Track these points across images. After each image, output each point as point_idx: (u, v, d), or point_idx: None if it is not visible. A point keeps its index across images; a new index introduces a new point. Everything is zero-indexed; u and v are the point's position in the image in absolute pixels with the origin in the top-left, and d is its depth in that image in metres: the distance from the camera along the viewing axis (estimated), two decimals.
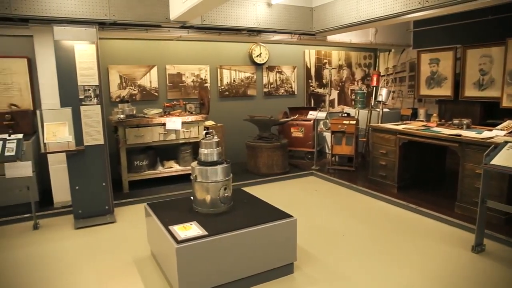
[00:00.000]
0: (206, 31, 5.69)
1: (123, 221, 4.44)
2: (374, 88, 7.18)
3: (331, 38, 6.76)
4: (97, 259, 3.50)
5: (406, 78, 7.84)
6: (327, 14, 5.84)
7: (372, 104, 7.18)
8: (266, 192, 5.29)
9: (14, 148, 3.99)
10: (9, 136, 4.17)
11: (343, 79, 8.26)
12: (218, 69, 6.73)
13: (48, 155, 4.53)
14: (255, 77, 7.13)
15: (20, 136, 4.19)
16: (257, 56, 7.00)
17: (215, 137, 3.13)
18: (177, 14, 4.57)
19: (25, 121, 4.95)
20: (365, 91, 7.77)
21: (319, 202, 5.03)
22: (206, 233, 2.72)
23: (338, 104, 8.27)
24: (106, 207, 4.48)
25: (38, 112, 4.06)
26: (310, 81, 7.83)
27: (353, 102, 8.17)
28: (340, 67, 8.16)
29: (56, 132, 4.03)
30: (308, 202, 5.03)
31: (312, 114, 6.44)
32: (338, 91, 8.23)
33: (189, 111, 5.84)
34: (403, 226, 4.13)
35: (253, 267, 2.90)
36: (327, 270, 3.21)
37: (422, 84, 6.98)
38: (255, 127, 6.46)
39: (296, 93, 7.69)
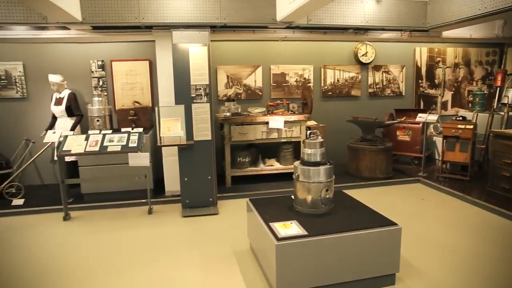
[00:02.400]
0: (311, 31, 5.67)
1: (225, 213, 4.66)
2: (498, 88, 6.37)
3: (446, 33, 6.20)
4: (200, 247, 3.74)
5: None
6: (444, 7, 5.35)
7: (495, 107, 6.38)
8: (368, 196, 5.06)
9: (136, 140, 4.50)
10: (132, 129, 4.72)
11: (459, 78, 7.50)
12: (322, 69, 6.66)
13: (162, 148, 4.98)
14: (359, 77, 6.88)
15: (141, 130, 4.71)
16: (362, 55, 6.75)
17: (319, 137, 3.10)
18: (284, 15, 4.64)
19: (145, 117, 5.53)
20: (485, 92, 6.95)
21: (426, 212, 4.64)
22: (306, 233, 2.71)
23: (452, 107, 7.54)
24: (210, 199, 4.76)
25: (156, 108, 4.49)
26: (420, 81, 7.28)
27: (470, 105, 7.36)
28: (456, 65, 7.42)
29: (171, 127, 4.42)
30: (413, 211, 4.68)
31: (422, 117, 5.98)
32: (452, 92, 7.50)
33: (291, 111, 5.89)
34: None
35: (352, 272, 2.80)
36: (432, 286, 2.94)
37: None
38: (358, 128, 6.24)
39: (403, 94, 7.22)
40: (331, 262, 2.73)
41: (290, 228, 2.81)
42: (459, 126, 5.55)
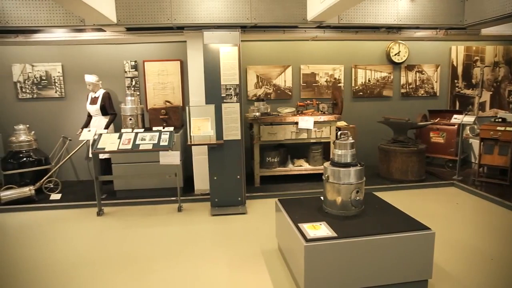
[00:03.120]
0: (343, 30, 5.59)
1: (253, 213, 4.67)
2: None
3: (485, 31, 5.95)
4: (228, 245, 3.77)
5: None
6: (485, 2, 5.14)
7: None
8: (399, 199, 4.94)
9: (167, 139, 4.59)
10: (163, 128, 4.81)
11: (499, 78, 7.18)
12: (353, 69, 6.56)
13: (192, 146, 5.05)
14: (392, 77, 6.72)
15: (172, 128, 4.80)
16: (395, 54, 6.59)
17: (350, 138, 3.05)
18: (315, 14, 4.60)
19: (176, 116, 5.63)
20: None
21: (461, 218, 4.47)
22: (335, 235, 2.67)
23: (491, 108, 7.23)
24: (239, 198, 4.78)
25: (187, 108, 4.56)
26: (456, 81, 7.03)
27: (511, 106, 7.05)
28: (495, 64, 7.12)
29: (201, 126, 4.47)
30: (447, 216, 4.52)
31: (457, 118, 5.76)
32: (491, 92, 7.20)
33: (321, 111, 5.83)
34: None
35: (382, 277, 2.74)
36: None
37: None
38: (389, 129, 6.10)
39: (438, 94, 7.00)
40: (361, 265, 2.68)
41: (319, 229, 2.78)
42: (498, 128, 5.31)
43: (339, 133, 3.11)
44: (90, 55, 6.08)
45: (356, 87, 6.62)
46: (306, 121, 5.46)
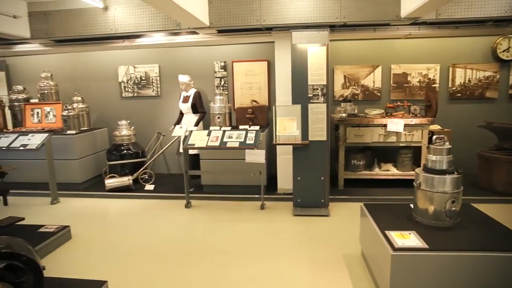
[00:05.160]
0: (440, 26, 5.18)
1: (336, 216, 4.57)
2: None
3: None
4: (309, 247, 3.73)
5: None
6: None
7: None
8: (503, 214, 4.41)
9: (253, 138, 4.70)
10: (250, 127, 4.94)
11: None
12: (450, 68, 6.04)
13: (277, 146, 5.10)
14: (497, 76, 6.05)
15: (258, 127, 4.90)
16: (503, 51, 5.91)
17: (447, 143, 2.82)
18: (409, 10, 4.34)
19: (262, 115, 5.74)
20: None
21: None
22: (426, 246, 2.49)
23: None
24: (322, 200, 4.71)
25: (273, 107, 4.62)
26: None
27: None
28: None
29: (287, 126, 4.50)
30: None
31: None
32: None
33: (413, 113, 5.48)
34: None
35: None
36: None
37: None
38: (492, 135, 5.50)
39: None
40: (452, 282, 2.45)
41: (408, 238, 2.62)
42: None
43: (434, 137, 2.90)
44: (183, 57, 6.49)
45: (454, 88, 6.09)
46: (396, 124, 5.17)
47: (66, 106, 6.02)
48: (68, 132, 5.91)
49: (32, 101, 6.55)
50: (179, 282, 3.16)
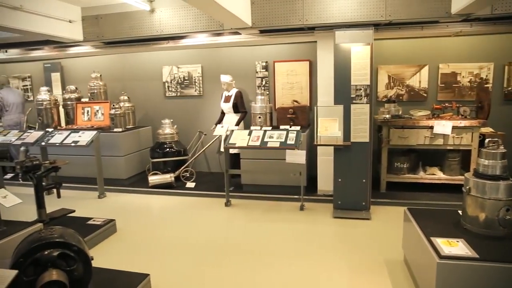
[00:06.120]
0: (495, 22, 4.89)
1: (377, 220, 4.45)
2: None
3: None
4: (349, 250, 3.66)
5: None
6: None
7: None
8: None
9: (294, 138, 4.68)
10: (290, 127, 4.92)
11: None
12: (506, 67, 5.67)
13: (318, 147, 5.03)
14: None
15: (298, 128, 4.87)
16: None
17: (501, 147, 2.66)
18: (461, 6, 4.13)
19: (303, 115, 5.70)
20: None
21: None
22: (476, 255, 2.36)
23: None
24: (363, 203, 4.60)
25: (315, 108, 4.57)
26: None
27: None
28: None
29: (328, 127, 4.43)
30: None
31: None
32: None
33: (462, 115, 5.21)
34: None
35: None
36: None
37: None
38: None
39: None
40: None
41: (455, 246, 2.49)
42: None
43: (486, 140, 2.74)
44: (225, 57, 6.57)
45: (510, 88, 5.72)
46: (443, 126, 4.95)
47: (113, 105, 6.30)
48: (115, 130, 6.17)
49: (83, 100, 6.90)
50: (217, 279, 3.21)
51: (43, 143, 5.57)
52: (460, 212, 2.93)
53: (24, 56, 7.17)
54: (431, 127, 5.04)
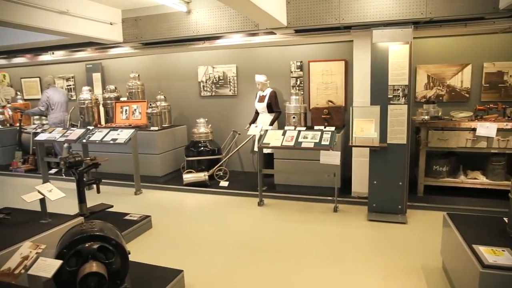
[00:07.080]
0: None
1: (414, 224, 4.31)
2: None
3: None
4: (385, 255, 3.56)
5: None
6: None
7: None
8: None
9: (329, 139, 4.62)
10: (325, 127, 4.86)
11: None
12: None
13: (353, 148, 4.94)
14: None
15: (333, 128, 4.81)
16: None
17: None
18: (511, 0, 3.91)
19: (338, 116, 5.62)
20: None
21: None
22: None
23: None
24: (399, 206, 4.47)
25: (350, 108, 4.49)
26: None
27: None
28: None
29: (364, 128, 4.34)
30: None
31: None
32: None
33: (509, 117, 4.94)
34: None
35: None
36: None
37: None
38: None
39: None
40: None
41: (500, 256, 2.37)
42: None
43: None
44: (260, 57, 6.58)
45: None
46: (487, 128, 4.70)
47: (150, 104, 6.47)
48: (152, 128, 6.33)
49: (121, 99, 7.14)
50: (249, 278, 3.22)
51: (84, 140, 5.81)
52: (505, 219, 2.79)
53: (68, 57, 7.52)
54: (474, 129, 4.81)
